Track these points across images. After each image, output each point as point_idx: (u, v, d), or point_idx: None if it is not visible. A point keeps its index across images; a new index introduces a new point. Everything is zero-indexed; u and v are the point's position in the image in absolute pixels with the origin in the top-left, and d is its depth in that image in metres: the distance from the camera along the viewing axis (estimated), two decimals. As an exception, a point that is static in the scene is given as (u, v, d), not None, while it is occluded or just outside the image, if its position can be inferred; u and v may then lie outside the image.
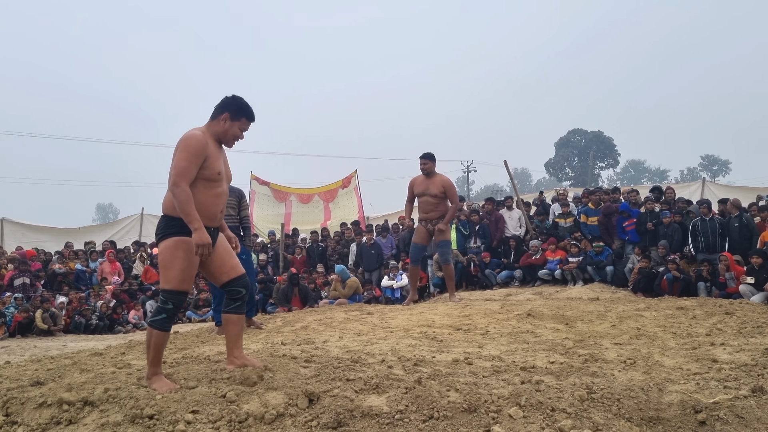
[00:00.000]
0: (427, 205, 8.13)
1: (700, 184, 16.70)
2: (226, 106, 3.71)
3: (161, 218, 3.58)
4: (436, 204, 8.10)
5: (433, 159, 8.12)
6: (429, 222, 8.18)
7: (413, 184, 8.27)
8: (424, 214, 8.20)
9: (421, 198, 8.17)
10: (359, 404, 2.90)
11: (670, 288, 9.44)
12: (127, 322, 11.75)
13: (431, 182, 8.08)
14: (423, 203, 8.18)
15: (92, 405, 3.02)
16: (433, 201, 8.09)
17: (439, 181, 8.12)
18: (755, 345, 4.31)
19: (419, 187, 8.16)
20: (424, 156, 8.15)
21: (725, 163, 75.67)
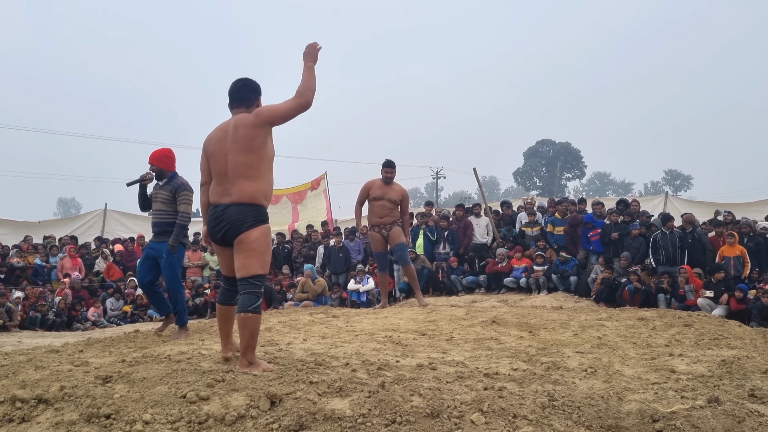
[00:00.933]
0: (383, 209, 8.16)
1: (663, 198, 17.05)
2: (258, 89, 3.99)
3: (249, 206, 3.72)
4: (391, 209, 8.20)
5: (395, 167, 8.31)
6: (383, 227, 8.22)
7: (370, 187, 8.25)
8: (379, 218, 8.20)
9: (377, 202, 8.16)
10: (322, 407, 2.88)
11: (631, 299, 9.61)
12: (86, 320, 11.51)
13: (390, 188, 8.18)
14: (378, 208, 8.18)
15: (47, 403, 2.95)
16: (389, 206, 8.17)
17: (399, 189, 8.27)
18: (712, 356, 4.40)
19: (377, 191, 8.16)
20: (391, 164, 8.22)
21: (687, 178, 77.44)
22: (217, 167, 3.86)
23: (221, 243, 3.88)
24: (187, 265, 13.89)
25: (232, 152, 3.76)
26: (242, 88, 3.94)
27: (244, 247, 3.73)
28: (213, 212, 3.85)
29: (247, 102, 3.92)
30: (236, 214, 3.71)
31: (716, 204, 15.41)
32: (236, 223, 3.71)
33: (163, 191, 5.91)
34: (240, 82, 3.99)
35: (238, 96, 3.94)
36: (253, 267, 3.72)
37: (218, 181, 3.87)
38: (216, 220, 3.80)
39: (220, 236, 3.82)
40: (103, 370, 3.50)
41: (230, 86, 3.98)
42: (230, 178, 3.78)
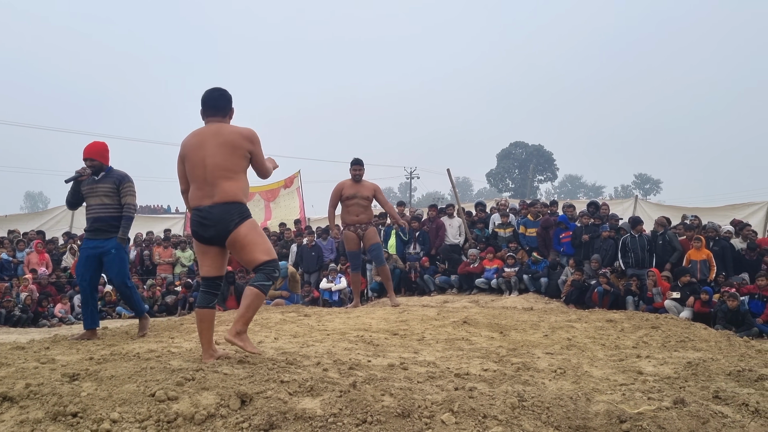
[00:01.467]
0: (357, 208, 8.22)
1: (632, 202, 17.29)
2: (231, 99, 4.15)
3: (234, 204, 3.89)
4: (366, 207, 8.27)
5: (362, 164, 8.37)
6: (359, 227, 8.27)
7: (341, 188, 8.27)
8: (354, 217, 8.25)
9: (350, 201, 8.21)
10: (293, 406, 2.87)
11: (600, 301, 9.74)
12: (53, 316, 11.31)
13: (361, 186, 8.23)
14: (353, 206, 8.22)
15: (11, 401, 2.89)
16: (363, 204, 8.23)
17: (369, 185, 8.33)
18: (678, 358, 4.48)
19: (349, 190, 8.21)
20: (358, 162, 8.28)
21: (657, 183, 78.80)
22: (195, 172, 3.95)
23: (208, 242, 3.96)
24: (158, 262, 13.74)
25: (214, 156, 3.89)
26: (219, 98, 4.09)
27: (240, 244, 3.90)
28: (196, 215, 3.93)
29: (224, 111, 4.09)
30: (222, 213, 3.85)
31: (684, 208, 15.68)
32: (224, 221, 3.85)
33: (104, 185, 5.66)
34: (217, 92, 4.11)
35: (215, 105, 4.07)
36: (259, 256, 3.91)
37: (198, 186, 3.95)
38: (202, 222, 3.90)
39: (209, 236, 3.92)
40: (70, 368, 3.44)
41: (206, 95, 4.09)
42: (210, 181, 3.89)
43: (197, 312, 4.04)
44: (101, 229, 5.64)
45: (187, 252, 13.94)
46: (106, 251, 5.63)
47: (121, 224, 5.67)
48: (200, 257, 4.07)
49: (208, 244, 3.98)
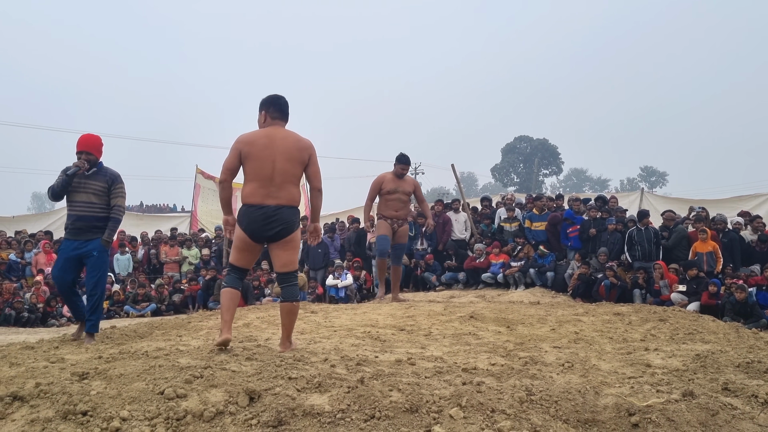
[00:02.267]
0: (398, 203, 8.16)
1: (639, 194, 17.23)
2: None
3: (292, 209, 4.21)
4: (405, 203, 8.27)
5: (410, 162, 8.37)
6: (395, 221, 8.21)
7: (382, 181, 8.16)
8: (394, 212, 8.19)
9: (390, 196, 8.12)
10: (301, 403, 2.88)
11: (607, 294, 9.71)
12: (62, 316, 11.35)
13: (403, 182, 8.17)
14: (394, 201, 8.15)
15: (22, 400, 2.91)
16: (404, 199, 8.19)
17: (410, 180, 8.32)
18: (686, 351, 4.47)
19: (390, 184, 8.11)
20: (407, 161, 8.23)
21: (663, 175, 78.42)
22: (262, 171, 4.17)
23: (258, 240, 4.23)
24: (165, 261, 13.77)
25: (283, 161, 4.18)
26: (286, 105, 4.42)
27: (292, 245, 4.27)
28: (260, 212, 4.15)
29: (287, 117, 4.44)
30: (290, 215, 4.20)
31: (691, 200, 15.62)
32: (290, 223, 4.19)
33: (96, 182, 5.36)
34: (284, 99, 4.45)
35: (282, 110, 4.40)
36: (295, 263, 4.32)
37: (262, 184, 4.17)
38: (267, 220, 4.14)
39: (269, 234, 4.18)
40: (80, 367, 3.46)
41: (276, 99, 4.41)
42: (277, 183, 4.16)
43: (225, 291, 4.29)
44: (83, 229, 5.33)
45: (193, 250, 13.97)
46: (87, 253, 5.33)
47: (108, 226, 5.40)
48: (238, 251, 4.32)
49: (259, 242, 4.26)
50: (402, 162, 8.16)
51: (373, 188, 8.24)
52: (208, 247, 14.13)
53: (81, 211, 5.34)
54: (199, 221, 17.70)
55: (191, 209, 18.44)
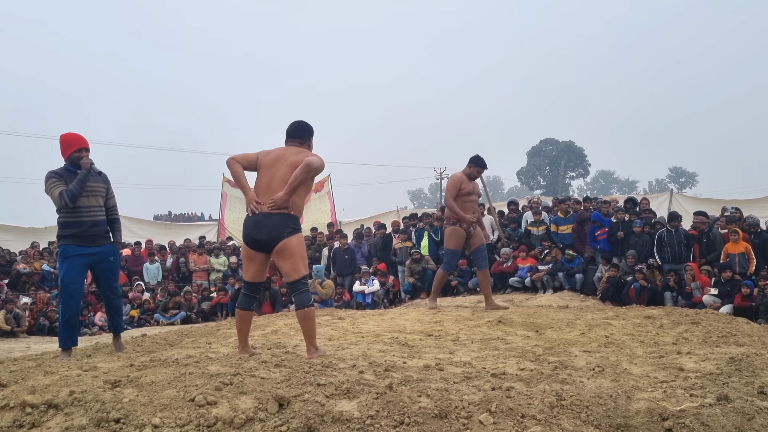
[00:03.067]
0: (474, 206, 7.90)
1: (668, 196, 17.00)
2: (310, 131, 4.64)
3: (287, 216, 4.24)
4: (478, 205, 8.20)
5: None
6: (473, 224, 7.87)
7: (461, 181, 7.81)
8: (471, 214, 7.80)
9: (468, 198, 7.80)
10: (330, 409, 2.88)
11: (638, 297, 9.59)
12: (93, 325, 11.54)
13: (475, 184, 8.01)
14: (471, 203, 7.83)
15: (56, 408, 2.95)
16: (477, 202, 8.13)
17: (477, 183, 8.16)
18: (720, 354, 4.39)
19: (468, 186, 7.81)
20: (484, 165, 8.00)
21: (692, 176, 77.21)
22: (262, 181, 4.36)
23: (257, 248, 4.32)
24: (193, 269, 13.92)
25: (282, 174, 4.28)
26: (297, 129, 4.58)
27: (289, 253, 4.25)
28: (253, 218, 4.26)
29: (301, 139, 4.56)
30: (278, 221, 4.22)
31: (722, 201, 15.37)
32: (277, 228, 4.21)
33: (99, 184, 5.25)
34: (297, 123, 4.62)
35: (293, 134, 4.57)
36: (301, 269, 4.30)
37: (260, 193, 4.32)
38: (257, 225, 4.24)
39: (259, 239, 4.26)
40: (112, 375, 3.51)
41: (289, 125, 4.61)
42: (273, 192, 4.24)
43: (238, 312, 4.45)
44: (98, 234, 5.19)
45: (221, 258, 14.10)
46: (104, 258, 5.23)
47: (117, 229, 5.38)
48: (246, 263, 4.44)
49: (257, 250, 4.33)
50: (479, 165, 7.91)
51: (454, 186, 7.80)
52: (236, 255, 14.25)
53: (95, 215, 5.17)
54: (226, 229, 17.88)
55: (218, 218, 18.64)
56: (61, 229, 5.10)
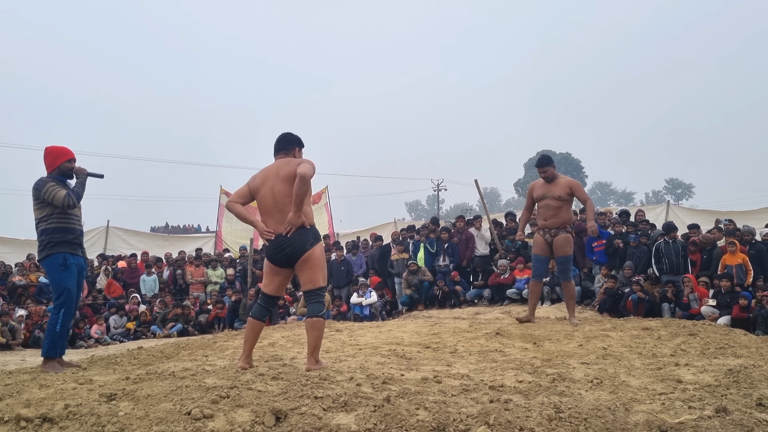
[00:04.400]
0: (547, 210, 7.37)
1: (664, 207, 17.04)
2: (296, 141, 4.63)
3: (305, 230, 4.32)
4: (557, 210, 7.32)
5: (550, 163, 7.52)
6: (548, 231, 7.42)
7: (533, 188, 7.58)
8: (543, 221, 7.45)
9: (541, 202, 7.44)
10: (327, 422, 2.87)
11: (635, 309, 9.56)
12: (90, 337, 11.46)
13: (553, 185, 7.36)
14: (542, 209, 7.43)
15: (51, 422, 2.93)
16: (553, 205, 7.31)
17: (564, 182, 7.40)
18: (718, 366, 4.38)
19: (539, 190, 7.46)
20: (541, 163, 7.52)
21: (689, 187, 77.47)
22: (265, 203, 4.44)
23: (282, 265, 4.42)
24: (190, 282, 13.87)
25: (279, 189, 4.35)
26: (282, 140, 4.61)
27: (309, 264, 4.36)
28: (275, 240, 4.36)
29: (286, 149, 4.58)
30: (298, 236, 4.30)
31: (717, 212, 15.41)
32: (298, 244, 4.30)
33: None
34: (282, 135, 4.65)
35: (278, 146, 4.61)
36: (318, 280, 4.41)
37: (269, 215, 4.43)
38: (279, 246, 4.34)
39: (284, 259, 4.37)
40: (108, 388, 3.49)
41: (275, 140, 4.63)
42: (280, 209, 4.35)
43: (250, 321, 4.50)
44: (82, 245, 5.37)
45: (218, 270, 14.05)
46: (81, 271, 5.37)
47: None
48: (268, 276, 4.53)
49: (282, 266, 4.43)
50: (537, 165, 7.54)
51: (528, 195, 7.65)
52: (233, 267, 14.21)
53: (80, 225, 5.34)
54: (223, 241, 17.85)
55: (216, 229, 18.61)
56: (50, 234, 5.08)
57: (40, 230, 5.12)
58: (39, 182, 5.14)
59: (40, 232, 5.12)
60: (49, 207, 5.10)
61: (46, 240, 5.09)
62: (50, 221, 5.10)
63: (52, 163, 5.24)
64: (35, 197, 5.13)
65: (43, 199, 5.08)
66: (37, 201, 5.12)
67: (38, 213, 5.12)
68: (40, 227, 5.11)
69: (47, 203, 5.09)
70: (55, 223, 5.10)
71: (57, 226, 5.10)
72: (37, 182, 5.14)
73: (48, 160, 5.25)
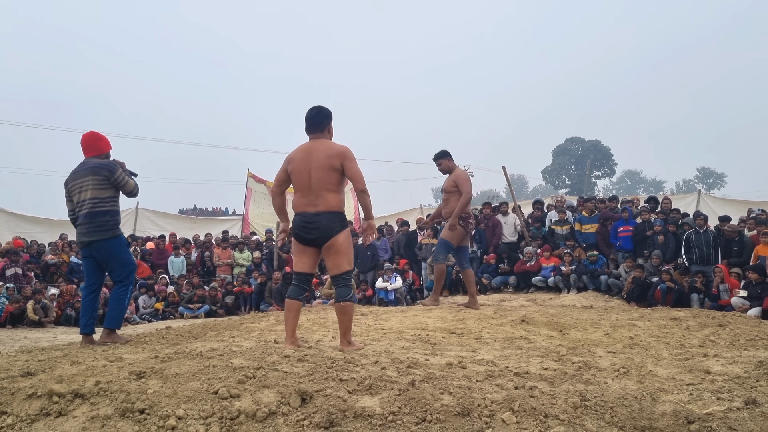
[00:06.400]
0: (445, 201, 7.78)
1: (695, 196, 16.75)
2: (329, 116, 4.63)
3: (334, 214, 4.43)
4: (447, 201, 7.70)
5: (443, 156, 7.77)
6: (445, 220, 7.77)
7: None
8: (445, 211, 7.79)
9: (443, 194, 7.84)
10: (352, 405, 2.89)
11: (664, 298, 9.46)
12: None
13: (447, 178, 7.78)
14: (443, 200, 7.83)
15: (82, 397, 3.00)
16: (445, 197, 7.77)
17: (453, 175, 7.71)
18: (748, 357, 4.31)
19: (444, 183, 7.85)
20: (434, 158, 7.84)
21: (721, 176, 75.98)
22: (300, 182, 4.48)
23: (308, 244, 4.50)
24: (217, 264, 14.03)
25: (317, 170, 4.41)
26: (317, 116, 4.59)
27: (336, 249, 4.45)
28: (301, 219, 4.47)
29: (320, 127, 4.59)
30: (328, 221, 4.41)
31: (750, 202, 15.11)
32: (327, 228, 4.40)
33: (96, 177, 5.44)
34: (314, 110, 4.62)
35: (313, 122, 4.59)
36: (343, 265, 4.49)
37: (303, 194, 4.48)
38: (307, 226, 4.44)
39: (311, 239, 4.46)
40: (137, 366, 3.55)
41: (306, 113, 4.61)
42: (314, 191, 4.42)
43: (287, 302, 4.59)
44: None
45: (245, 253, 14.19)
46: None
47: None
48: (297, 255, 4.63)
49: (308, 245, 4.52)
50: (433, 158, 7.83)
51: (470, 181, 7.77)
52: (260, 250, 14.33)
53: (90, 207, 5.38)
54: (250, 224, 18.00)
55: (243, 213, 18.76)
56: (115, 216, 5.32)
57: (102, 210, 5.19)
58: (111, 164, 5.25)
59: (104, 213, 5.19)
60: (112, 189, 5.24)
61: (112, 221, 5.26)
62: (112, 203, 5.27)
63: (103, 148, 5.38)
64: (103, 177, 5.18)
65: (115, 181, 5.21)
66: (104, 181, 5.18)
67: (99, 192, 5.18)
68: (102, 207, 5.19)
69: (112, 186, 5.22)
70: (116, 205, 5.34)
71: (117, 209, 5.37)
72: (109, 164, 5.26)
73: (99, 144, 5.38)
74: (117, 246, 5.29)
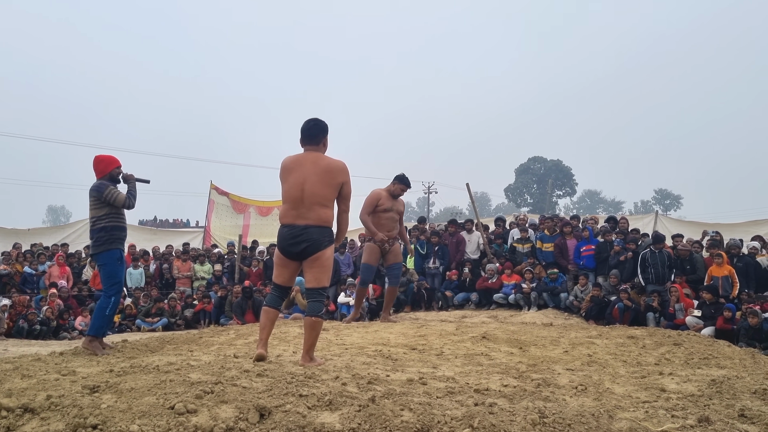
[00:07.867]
0: (391, 222, 8.02)
1: (653, 217, 17.14)
2: (325, 129, 4.61)
3: (324, 228, 4.41)
4: (397, 223, 8.19)
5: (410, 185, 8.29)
6: (387, 241, 8.05)
7: (379, 198, 7.94)
8: (387, 232, 7.99)
9: (385, 215, 7.95)
10: (311, 421, 2.86)
11: (621, 317, 9.62)
12: (74, 329, 11.39)
13: (397, 202, 8.12)
14: (388, 220, 7.98)
15: (33, 412, 2.91)
16: (396, 219, 8.13)
17: (402, 202, 8.32)
18: (702, 376, 4.41)
19: (386, 202, 7.94)
20: (409, 184, 8.16)
21: (677, 198, 78.13)
22: (291, 193, 4.43)
23: (293, 257, 4.47)
24: (177, 276, 13.80)
25: (312, 184, 4.38)
26: (313, 128, 4.56)
27: (320, 263, 4.41)
28: (290, 231, 4.42)
29: (316, 140, 4.56)
30: (317, 234, 4.37)
31: (705, 224, 15.51)
32: (316, 242, 4.36)
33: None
34: (311, 122, 4.59)
35: (310, 134, 4.55)
36: (323, 280, 4.45)
37: (293, 206, 4.43)
38: (295, 239, 4.39)
39: (297, 252, 4.41)
40: (91, 380, 3.46)
41: (303, 125, 4.58)
42: (306, 204, 4.38)
43: (265, 309, 4.58)
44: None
45: (206, 266, 13.99)
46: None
47: None
48: (279, 268, 4.60)
49: (292, 259, 4.49)
50: (403, 183, 8.05)
51: (370, 203, 7.95)
52: (221, 263, 14.15)
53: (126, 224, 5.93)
54: (212, 237, 17.79)
55: (205, 225, 18.54)
56: (110, 231, 5.63)
57: (98, 227, 5.61)
58: (100, 185, 5.66)
59: (99, 229, 5.61)
60: (107, 207, 5.63)
61: (106, 236, 5.61)
62: (108, 220, 5.64)
63: (104, 170, 5.78)
64: (95, 198, 5.63)
65: (105, 199, 5.60)
66: (97, 201, 5.63)
67: (96, 212, 5.63)
68: (99, 225, 5.61)
69: (106, 204, 5.62)
70: (113, 221, 5.66)
71: (115, 225, 5.67)
72: (98, 185, 5.67)
73: (100, 167, 5.79)
74: (107, 259, 5.65)
